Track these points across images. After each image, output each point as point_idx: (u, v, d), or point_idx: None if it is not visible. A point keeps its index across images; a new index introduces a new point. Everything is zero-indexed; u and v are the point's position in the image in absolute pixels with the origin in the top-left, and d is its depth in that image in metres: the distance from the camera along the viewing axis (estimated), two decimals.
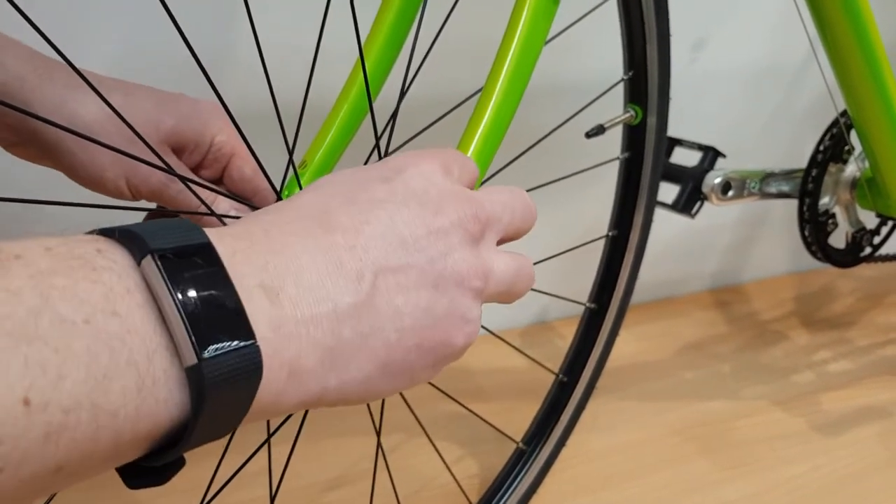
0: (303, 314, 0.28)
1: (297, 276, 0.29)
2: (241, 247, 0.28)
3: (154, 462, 0.26)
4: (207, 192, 0.50)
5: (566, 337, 0.74)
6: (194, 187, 0.48)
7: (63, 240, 0.25)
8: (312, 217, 0.31)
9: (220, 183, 0.55)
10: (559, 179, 0.65)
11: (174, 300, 0.24)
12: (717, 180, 0.82)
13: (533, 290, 0.68)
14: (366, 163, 0.56)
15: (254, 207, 0.53)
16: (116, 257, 0.25)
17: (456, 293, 0.33)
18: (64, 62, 0.38)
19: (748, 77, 1.14)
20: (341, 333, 0.29)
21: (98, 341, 0.23)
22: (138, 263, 0.25)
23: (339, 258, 0.30)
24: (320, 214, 0.32)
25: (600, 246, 0.71)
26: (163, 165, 0.43)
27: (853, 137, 0.88)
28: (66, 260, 0.23)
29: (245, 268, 0.27)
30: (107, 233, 0.26)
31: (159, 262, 0.24)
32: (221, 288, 0.26)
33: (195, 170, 0.53)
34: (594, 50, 0.86)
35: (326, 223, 0.31)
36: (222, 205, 0.52)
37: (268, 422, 0.50)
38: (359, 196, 0.33)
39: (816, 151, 0.89)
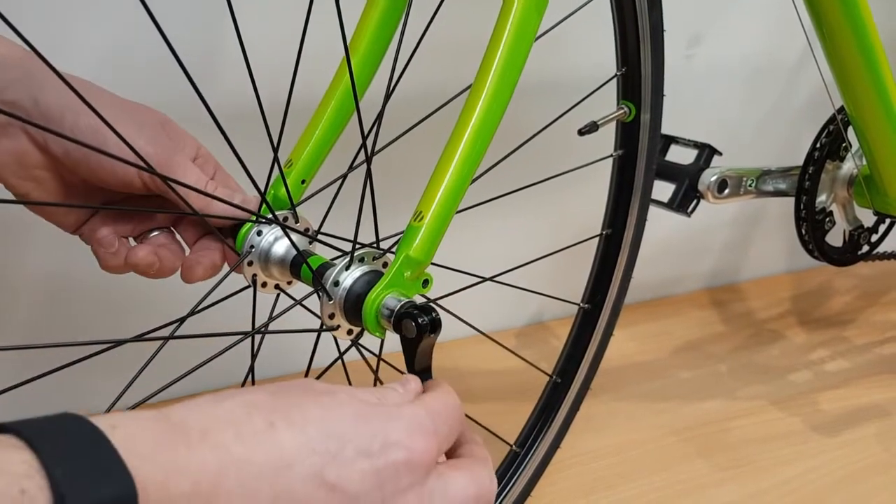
0: None
1: None
2: (181, 492, 0.27)
3: None
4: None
5: (561, 337, 0.73)
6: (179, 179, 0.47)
7: None
8: (273, 471, 0.30)
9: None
10: (552, 177, 0.65)
11: None
12: (714, 178, 0.81)
13: (526, 290, 0.67)
14: (353, 162, 0.55)
15: (241, 207, 0.52)
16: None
17: None
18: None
19: (744, 74, 1.13)
20: None
21: None
22: None
23: None
24: (281, 470, 0.30)
25: (594, 245, 0.70)
26: (142, 164, 0.42)
27: (850, 135, 0.87)
28: None
29: None
30: (49, 462, 0.25)
31: None
32: None
33: None
34: (586, 45, 0.85)
35: (280, 488, 0.30)
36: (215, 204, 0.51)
37: None
38: (330, 466, 0.31)
39: (813, 149, 0.88)
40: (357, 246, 0.48)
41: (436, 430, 0.36)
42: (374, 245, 0.49)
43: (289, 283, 0.53)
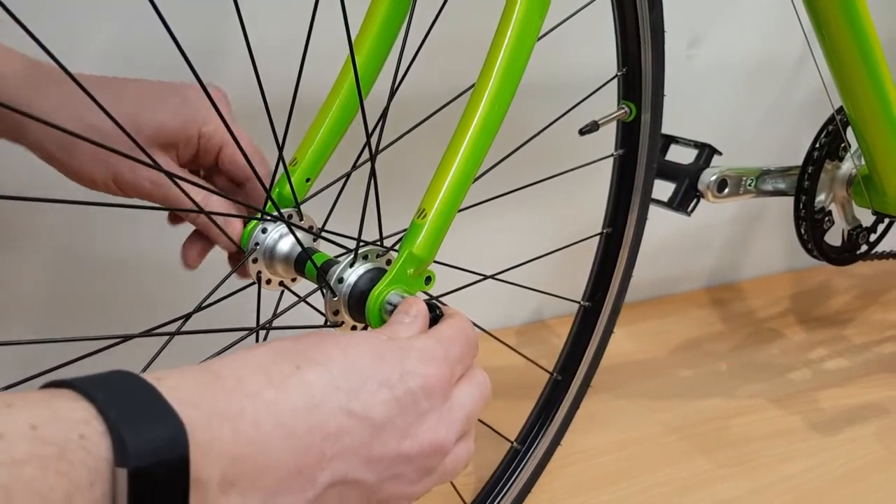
0: None
1: (258, 475, 0.30)
2: (224, 435, 0.29)
3: None
4: (198, 190, 0.50)
5: (562, 335, 0.73)
6: (186, 185, 0.48)
7: (52, 413, 0.26)
8: (305, 408, 0.32)
9: (217, 171, 0.54)
10: (553, 177, 0.65)
11: None
12: (713, 178, 0.81)
13: (527, 288, 0.68)
14: (356, 161, 0.56)
15: (246, 205, 0.52)
16: (94, 449, 0.26)
17: None
18: (56, 68, 0.37)
19: (744, 73, 1.13)
20: None
21: None
22: (115, 462, 0.26)
23: (304, 463, 0.32)
24: (312, 408, 0.33)
25: (595, 244, 0.71)
26: (149, 162, 0.42)
27: (849, 135, 0.87)
28: (45, 445, 0.25)
29: (214, 461, 0.29)
30: (105, 408, 0.27)
31: (130, 483, 0.26)
32: None
33: (193, 160, 0.53)
34: (588, 46, 0.85)
35: (314, 423, 0.32)
36: (214, 203, 0.51)
37: None
38: (355, 400, 0.34)
39: (813, 149, 0.88)
40: (361, 243, 0.48)
41: (446, 356, 0.39)
42: (378, 242, 0.50)
43: (293, 279, 0.53)
